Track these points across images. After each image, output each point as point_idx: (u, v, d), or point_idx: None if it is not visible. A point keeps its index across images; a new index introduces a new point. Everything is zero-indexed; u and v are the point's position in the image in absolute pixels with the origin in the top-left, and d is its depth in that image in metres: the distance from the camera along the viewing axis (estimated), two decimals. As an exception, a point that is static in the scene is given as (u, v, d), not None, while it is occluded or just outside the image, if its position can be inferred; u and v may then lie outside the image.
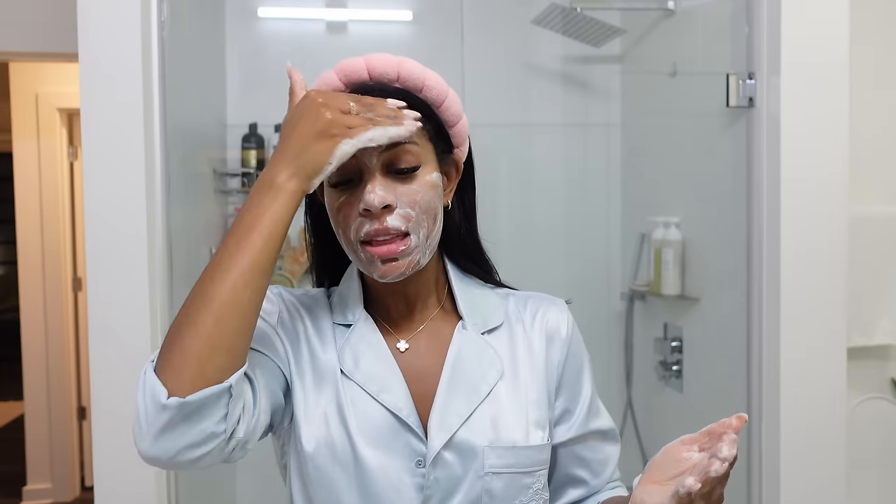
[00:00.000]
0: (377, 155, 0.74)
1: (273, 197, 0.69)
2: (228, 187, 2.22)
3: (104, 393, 1.39)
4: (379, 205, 0.73)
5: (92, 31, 1.37)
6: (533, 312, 0.88)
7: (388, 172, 0.76)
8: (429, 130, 0.79)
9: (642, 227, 2.18)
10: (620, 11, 2.25)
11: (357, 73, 0.79)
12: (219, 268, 0.67)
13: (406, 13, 2.28)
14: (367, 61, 0.79)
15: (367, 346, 0.82)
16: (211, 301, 0.66)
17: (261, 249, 0.67)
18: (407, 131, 0.73)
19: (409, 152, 0.76)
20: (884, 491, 1.82)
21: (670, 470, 0.69)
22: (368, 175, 0.75)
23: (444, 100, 0.81)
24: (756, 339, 1.56)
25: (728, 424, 0.67)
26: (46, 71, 3.33)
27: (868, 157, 1.76)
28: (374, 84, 0.79)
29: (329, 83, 0.80)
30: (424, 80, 0.79)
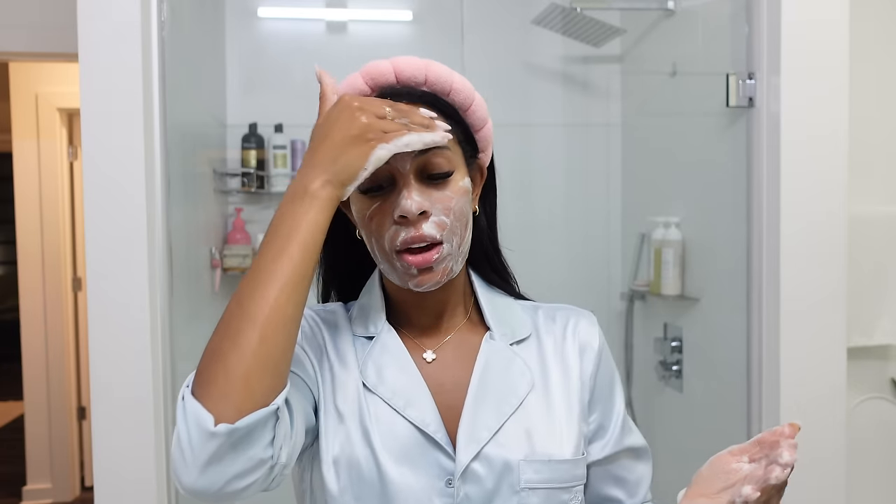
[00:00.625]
0: (410, 160, 0.73)
1: (308, 205, 0.66)
2: (228, 187, 2.22)
3: (104, 393, 1.39)
4: (416, 211, 0.72)
5: (92, 31, 1.37)
6: (563, 324, 0.86)
7: (421, 178, 0.74)
8: (458, 135, 0.77)
9: (642, 227, 2.18)
10: (620, 11, 2.25)
11: (384, 76, 0.77)
12: (258, 283, 0.65)
13: (406, 13, 2.28)
14: (394, 65, 0.77)
15: (391, 357, 0.79)
16: (253, 319, 0.63)
17: (299, 262, 0.65)
18: (442, 138, 0.72)
19: (442, 157, 0.74)
20: (884, 491, 1.82)
21: (719, 482, 0.71)
22: (402, 181, 0.73)
23: (471, 103, 0.79)
24: (756, 339, 1.56)
25: (781, 433, 0.69)
26: (46, 71, 3.33)
27: (868, 157, 1.76)
28: (401, 87, 0.77)
29: (355, 87, 0.78)
30: (452, 83, 0.78)
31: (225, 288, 2.19)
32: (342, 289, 0.89)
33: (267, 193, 2.23)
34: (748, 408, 1.58)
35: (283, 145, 2.20)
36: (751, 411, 1.58)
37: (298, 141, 2.22)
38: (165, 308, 1.45)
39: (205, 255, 2.03)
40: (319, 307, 0.85)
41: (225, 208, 2.24)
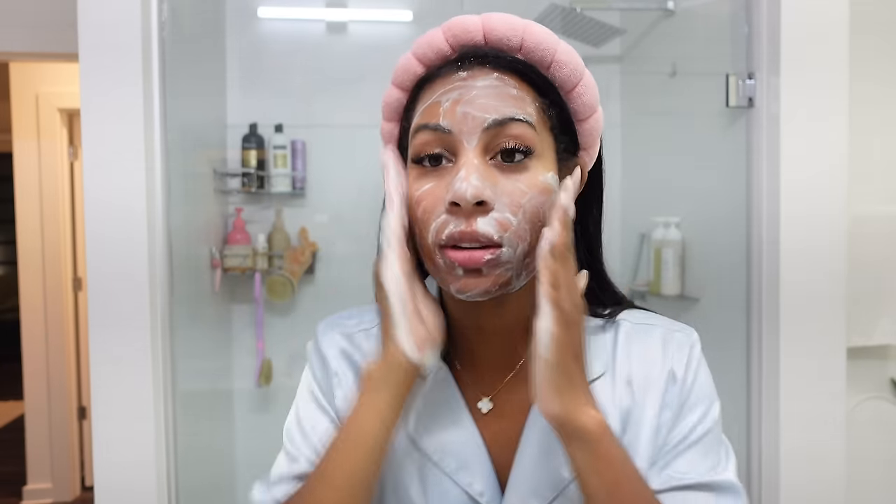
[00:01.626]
0: (480, 132, 0.59)
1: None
2: (228, 187, 2.22)
3: (104, 393, 1.39)
4: (472, 198, 0.57)
5: (92, 31, 1.37)
6: (641, 353, 0.67)
7: (489, 158, 0.60)
8: (551, 118, 0.62)
9: (642, 226, 2.18)
10: (620, 12, 2.25)
11: (469, 34, 0.62)
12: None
13: (406, 13, 2.28)
14: (484, 21, 0.63)
15: (442, 406, 0.66)
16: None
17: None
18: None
19: (522, 130, 0.59)
20: (884, 491, 1.82)
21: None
22: (464, 156, 0.59)
23: (577, 82, 0.64)
24: (756, 339, 1.56)
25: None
26: (47, 71, 3.33)
27: (868, 157, 1.76)
28: (488, 49, 0.62)
29: (433, 44, 0.63)
30: (556, 52, 0.62)
31: (225, 288, 2.20)
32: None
33: (267, 193, 2.23)
34: (748, 408, 1.58)
35: (284, 145, 2.20)
36: (750, 411, 1.58)
37: (298, 141, 2.22)
38: (165, 308, 1.45)
39: (205, 255, 2.03)
40: (346, 328, 0.72)
41: (225, 208, 2.24)
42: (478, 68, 0.61)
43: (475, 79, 0.60)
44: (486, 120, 0.58)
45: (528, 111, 0.60)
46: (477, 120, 0.58)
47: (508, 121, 0.59)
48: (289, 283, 2.20)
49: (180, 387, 1.52)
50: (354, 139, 2.24)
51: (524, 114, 0.59)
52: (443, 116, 0.60)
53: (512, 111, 0.59)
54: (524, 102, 0.60)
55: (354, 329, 0.72)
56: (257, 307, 2.22)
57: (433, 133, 0.60)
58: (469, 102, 0.59)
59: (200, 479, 1.75)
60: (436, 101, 0.61)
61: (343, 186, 2.25)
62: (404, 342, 0.60)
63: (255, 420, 2.28)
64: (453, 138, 0.59)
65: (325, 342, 0.71)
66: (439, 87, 0.61)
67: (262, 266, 2.19)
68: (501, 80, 0.60)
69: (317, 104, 2.28)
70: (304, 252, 2.22)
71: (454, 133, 0.59)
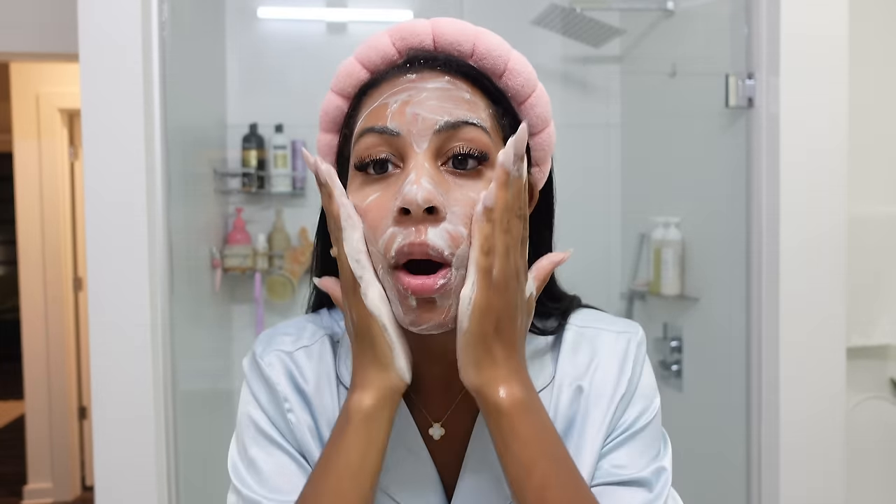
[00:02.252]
0: (431, 134, 0.54)
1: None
2: (228, 187, 2.22)
3: (104, 392, 1.40)
4: (423, 202, 0.52)
5: (92, 31, 1.38)
6: (588, 359, 0.64)
7: (440, 164, 0.55)
8: (504, 127, 0.58)
9: (642, 227, 2.18)
10: (620, 12, 2.25)
11: (418, 37, 0.59)
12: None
13: (406, 13, 2.28)
14: (434, 25, 0.59)
15: (395, 433, 0.61)
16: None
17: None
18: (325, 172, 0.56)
19: (475, 136, 0.55)
20: (883, 491, 1.82)
21: None
22: (413, 160, 0.54)
23: (530, 93, 0.60)
24: (755, 338, 1.56)
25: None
26: (47, 71, 3.33)
27: (868, 157, 1.76)
28: (438, 53, 0.58)
29: (379, 48, 0.60)
30: (508, 61, 0.59)
31: (225, 288, 2.20)
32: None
33: (267, 193, 2.24)
34: (748, 407, 1.58)
35: (284, 145, 2.20)
36: (750, 411, 1.58)
37: (298, 141, 2.22)
38: (165, 308, 1.45)
39: (205, 255, 2.03)
40: (292, 359, 0.65)
41: (225, 208, 2.24)
42: (427, 71, 0.57)
43: (425, 81, 0.56)
44: (437, 122, 0.54)
45: (482, 116, 0.56)
46: (428, 122, 0.54)
47: (462, 124, 0.55)
48: (289, 283, 2.20)
49: (180, 387, 1.52)
50: (354, 139, 2.24)
51: (478, 118, 0.56)
52: (390, 118, 0.55)
53: (465, 115, 0.55)
54: (477, 108, 0.57)
55: (293, 347, 0.66)
56: (257, 307, 2.22)
57: (379, 136, 0.55)
58: (419, 104, 0.55)
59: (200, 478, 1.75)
60: (382, 103, 0.56)
61: (343, 186, 2.25)
62: (403, 367, 0.56)
63: (255, 420, 2.28)
64: (402, 141, 0.55)
65: (267, 363, 0.65)
66: (386, 90, 0.57)
67: (262, 266, 2.19)
68: (453, 84, 0.57)
69: (317, 104, 2.27)
70: (304, 252, 2.22)
71: (403, 135, 0.55)
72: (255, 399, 0.65)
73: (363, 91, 0.60)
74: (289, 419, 0.63)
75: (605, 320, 0.68)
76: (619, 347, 0.65)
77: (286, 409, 0.63)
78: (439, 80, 0.57)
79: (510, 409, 0.54)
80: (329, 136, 0.64)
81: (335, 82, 0.62)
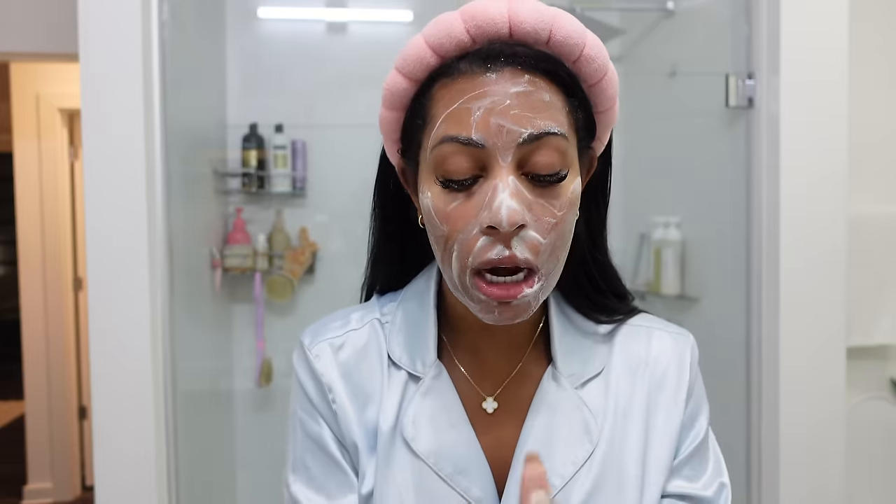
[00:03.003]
0: (514, 147, 0.54)
1: None
2: (228, 187, 2.22)
3: (104, 392, 1.40)
4: (510, 225, 0.53)
5: (92, 31, 1.38)
6: (643, 354, 0.67)
7: (522, 174, 0.55)
8: (577, 120, 0.59)
9: (642, 226, 2.18)
10: (620, 12, 2.25)
11: (494, 25, 0.56)
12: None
13: (406, 13, 2.28)
14: (511, 11, 0.56)
15: (440, 408, 0.62)
16: None
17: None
18: None
19: (556, 150, 0.55)
20: (883, 491, 1.82)
21: None
22: (498, 174, 0.54)
23: (603, 75, 0.60)
24: (756, 339, 1.56)
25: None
26: (47, 71, 3.33)
27: (868, 157, 1.76)
28: (516, 45, 0.56)
29: (452, 34, 0.57)
30: (584, 45, 0.58)
31: (225, 288, 2.20)
32: (388, 283, 0.71)
33: (267, 194, 2.24)
34: (748, 408, 1.58)
35: (284, 145, 2.20)
36: (750, 411, 1.58)
37: (298, 141, 2.22)
38: (165, 308, 1.45)
39: (205, 255, 2.03)
40: (334, 343, 0.67)
41: (225, 208, 2.24)
42: (508, 70, 0.55)
43: (506, 82, 0.55)
44: (521, 134, 0.54)
45: (561, 120, 0.56)
46: (513, 134, 0.54)
47: (544, 135, 0.54)
48: (289, 283, 2.20)
49: (180, 387, 1.52)
50: (354, 139, 2.24)
51: (558, 125, 0.55)
52: (475, 129, 0.54)
53: (547, 124, 0.55)
54: (556, 111, 0.56)
55: (342, 332, 0.67)
56: (257, 307, 2.22)
57: (464, 147, 0.54)
58: (503, 114, 0.54)
59: (200, 478, 1.75)
60: (464, 108, 0.55)
61: (343, 186, 2.25)
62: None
63: (255, 420, 2.28)
64: (486, 153, 0.54)
65: (314, 354, 0.66)
66: (465, 89, 0.55)
67: (262, 266, 2.19)
68: (534, 85, 0.55)
69: (317, 104, 2.28)
70: (304, 252, 2.22)
71: (488, 148, 0.54)
72: (303, 390, 0.66)
73: (433, 77, 0.58)
74: (334, 410, 0.64)
75: (659, 321, 0.71)
76: (677, 347, 0.68)
77: (330, 399, 0.64)
78: (520, 80, 0.55)
79: None
80: (393, 113, 0.62)
81: (402, 64, 0.59)
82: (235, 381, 2.27)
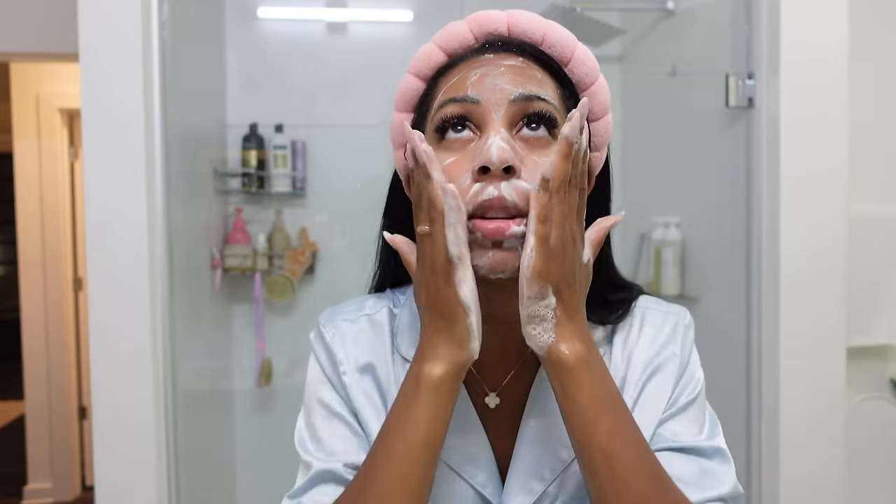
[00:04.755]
0: (507, 104, 0.60)
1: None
2: (229, 187, 2.22)
3: (105, 392, 1.40)
4: (500, 162, 0.56)
5: (92, 31, 1.38)
6: (637, 329, 0.70)
7: (514, 132, 0.60)
8: (569, 108, 0.64)
9: (642, 227, 2.18)
10: (620, 12, 2.25)
11: (494, 23, 0.64)
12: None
13: (406, 13, 2.28)
14: (508, 15, 0.65)
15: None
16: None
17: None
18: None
19: (546, 108, 0.60)
20: (884, 491, 1.82)
21: None
22: (491, 126, 0.60)
23: (592, 82, 0.65)
24: (756, 339, 1.56)
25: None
26: (47, 71, 3.33)
27: (868, 157, 1.76)
28: (512, 39, 0.64)
29: (457, 34, 0.65)
30: (574, 51, 0.64)
31: (225, 288, 2.20)
32: (399, 283, 0.75)
33: (267, 194, 2.24)
34: (748, 407, 1.58)
35: (284, 145, 2.20)
36: (750, 411, 1.58)
37: (298, 141, 2.22)
38: (165, 308, 1.45)
39: (205, 255, 2.03)
40: (351, 331, 0.71)
41: (225, 208, 2.24)
42: (503, 52, 0.63)
43: (501, 59, 0.62)
44: (513, 92, 0.60)
45: (551, 94, 0.61)
46: (505, 91, 0.60)
47: (534, 98, 0.60)
48: (289, 283, 2.20)
49: (180, 387, 1.52)
50: (354, 139, 2.24)
51: (547, 95, 0.61)
52: (471, 88, 0.60)
53: (537, 90, 0.60)
54: (547, 86, 0.62)
55: (356, 315, 0.71)
56: (257, 307, 2.22)
57: (461, 105, 0.60)
58: (497, 77, 0.60)
59: (200, 478, 1.75)
60: (462, 77, 0.62)
61: (343, 186, 2.25)
62: (476, 348, 0.59)
63: (255, 420, 2.28)
64: (481, 109, 0.60)
65: (329, 332, 0.70)
66: (464, 68, 0.63)
67: (262, 266, 2.19)
68: (526, 64, 0.62)
69: (317, 104, 2.28)
70: (304, 252, 2.22)
71: (482, 104, 0.60)
72: (319, 364, 0.70)
73: (440, 73, 0.65)
74: (344, 381, 0.68)
75: (655, 301, 0.74)
76: (668, 325, 0.71)
77: (342, 371, 0.68)
78: (514, 59, 0.62)
79: (574, 365, 0.57)
80: (402, 115, 0.68)
81: (413, 65, 0.66)
82: (235, 381, 2.27)
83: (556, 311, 0.58)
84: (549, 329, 0.58)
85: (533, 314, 0.58)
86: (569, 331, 0.58)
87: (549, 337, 0.58)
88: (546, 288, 0.57)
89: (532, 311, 0.57)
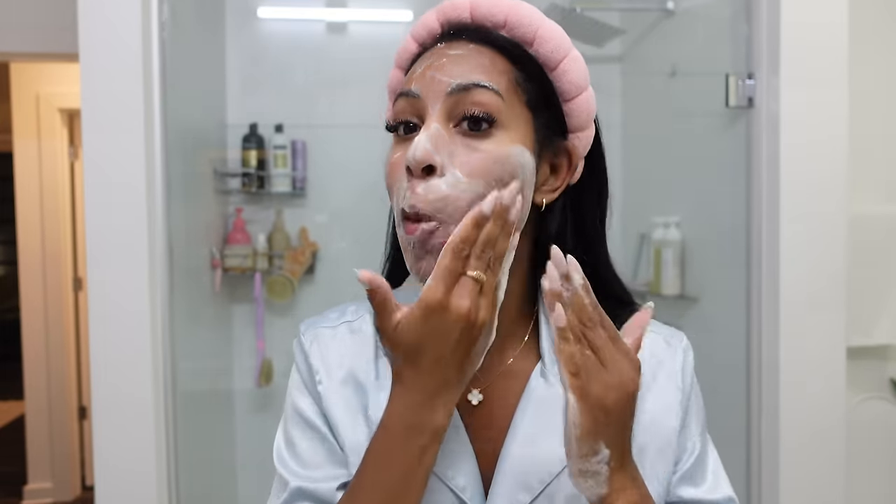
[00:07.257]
0: (443, 96, 0.58)
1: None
2: (228, 187, 2.22)
3: (104, 392, 1.40)
4: (416, 162, 0.55)
5: (92, 31, 1.38)
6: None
7: (454, 125, 0.58)
8: (528, 91, 0.60)
9: (642, 226, 2.18)
10: (620, 12, 2.25)
11: (457, 11, 0.63)
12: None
13: (406, 13, 2.28)
14: (472, 1, 0.63)
15: None
16: None
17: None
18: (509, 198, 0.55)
19: (486, 97, 0.58)
20: (884, 491, 1.82)
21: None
22: (427, 121, 0.58)
23: (561, 59, 0.62)
24: (756, 339, 1.56)
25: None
26: (47, 71, 3.33)
27: (868, 157, 1.76)
28: (473, 26, 0.62)
29: (426, 24, 0.64)
30: (538, 29, 0.61)
31: (225, 288, 2.20)
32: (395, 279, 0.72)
33: (267, 193, 2.24)
34: (748, 408, 1.58)
35: (284, 145, 2.20)
36: (750, 411, 1.58)
37: (298, 141, 2.22)
38: (165, 308, 1.45)
39: (205, 255, 2.03)
40: (339, 321, 0.70)
41: (225, 208, 2.24)
42: (455, 41, 0.62)
43: (450, 48, 0.61)
44: (449, 84, 0.58)
45: (497, 80, 0.59)
46: (441, 84, 0.58)
47: (472, 86, 0.58)
48: (289, 283, 2.20)
49: (180, 387, 1.52)
50: (354, 139, 2.24)
51: (490, 82, 0.58)
52: (414, 82, 0.60)
53: (477, 78, 0.58)
54: (494, 72, 0.59)
55: (336, 323, 0.69)
56: (257, 307, 2.22)
57: (406, 99, 0.60)
58: (438, 68, 0.59)
59: (200, 478, 1.75)
60: (413, 69, 0.62)
61: (343, 186, 2.25)
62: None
63: (255, 420, 2.28)
64: (421, 103, 0.59)
65: (308, 339, 0.69)
66: (422, 60, 0.62)
67: (262, 266, 2.19)
68: (476, 51, 0.60)
69: (317, 104, 2.28)
70: (304, 252, 2.22)
71: (422, 98, 0.59)
72: (298, 373, 0.68)
73: (413, 62, 0.65)
74: (318, 391, 0.66)
75: (652, 323, 0.71)
76: (670, 350, 0.70)
77: (317, 380, 0.66)
78: (463, 47, 0.61)
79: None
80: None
81: (396, 58, 0.68)
82: (235, 381, 2.27)
83: (609, 462, 0.54)
84: (602, 483, 0.55)
85: (585, 470, 0.54)
86: (621, 480, 0.55)
87: (603, 489, 0.55)
88: (599, 444, 0.54)
89: (584, 468, 0.54)
